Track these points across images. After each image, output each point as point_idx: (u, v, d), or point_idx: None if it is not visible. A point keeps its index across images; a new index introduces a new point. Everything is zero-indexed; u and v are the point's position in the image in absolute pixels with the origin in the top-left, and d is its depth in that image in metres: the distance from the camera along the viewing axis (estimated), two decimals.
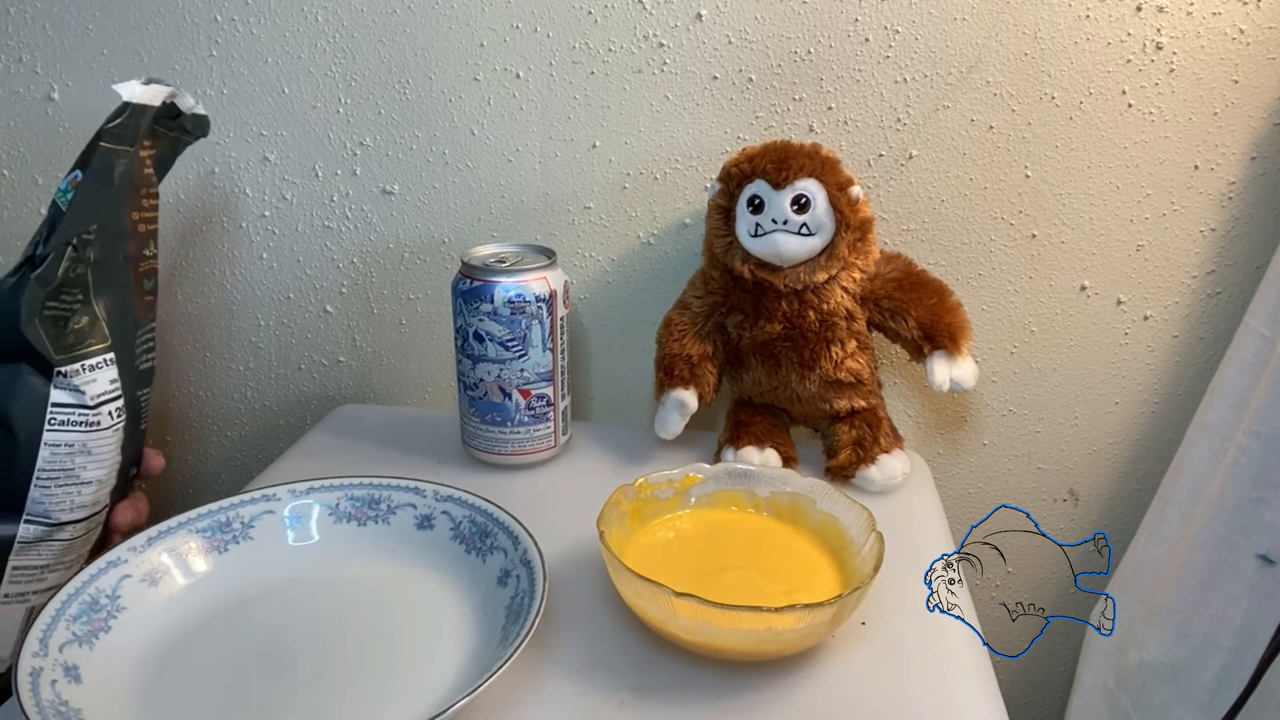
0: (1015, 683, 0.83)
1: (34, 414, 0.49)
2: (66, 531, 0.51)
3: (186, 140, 0.58)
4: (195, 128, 0.58)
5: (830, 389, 0.65)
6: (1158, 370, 0.72)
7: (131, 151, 0.52)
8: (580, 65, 0.69)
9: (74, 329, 0.50)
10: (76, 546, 0.52)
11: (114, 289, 0.52)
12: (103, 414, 0.51)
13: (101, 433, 0.51)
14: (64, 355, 0.49)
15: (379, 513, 0.55)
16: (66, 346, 0.50)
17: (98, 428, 0.51)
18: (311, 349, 0.80)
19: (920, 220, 0.70)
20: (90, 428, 0.51)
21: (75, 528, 0.52)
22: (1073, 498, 0.77)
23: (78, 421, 0.50)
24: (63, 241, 0.49)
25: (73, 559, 0.53)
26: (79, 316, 0.50)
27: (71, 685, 0.41)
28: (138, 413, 0.55)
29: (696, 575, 0.48)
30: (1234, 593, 0.63)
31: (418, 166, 0.73)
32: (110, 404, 0.52)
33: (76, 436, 0.50)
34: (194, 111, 0.57)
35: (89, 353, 0.50)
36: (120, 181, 0.52)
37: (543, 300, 0.61)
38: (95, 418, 0.51)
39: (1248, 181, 0.65)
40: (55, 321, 0.49)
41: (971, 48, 0.65)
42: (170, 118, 0.55)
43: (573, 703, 0.44)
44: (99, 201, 0.51)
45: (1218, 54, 0.63)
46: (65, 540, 0.51)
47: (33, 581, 0.51)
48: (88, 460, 0.51)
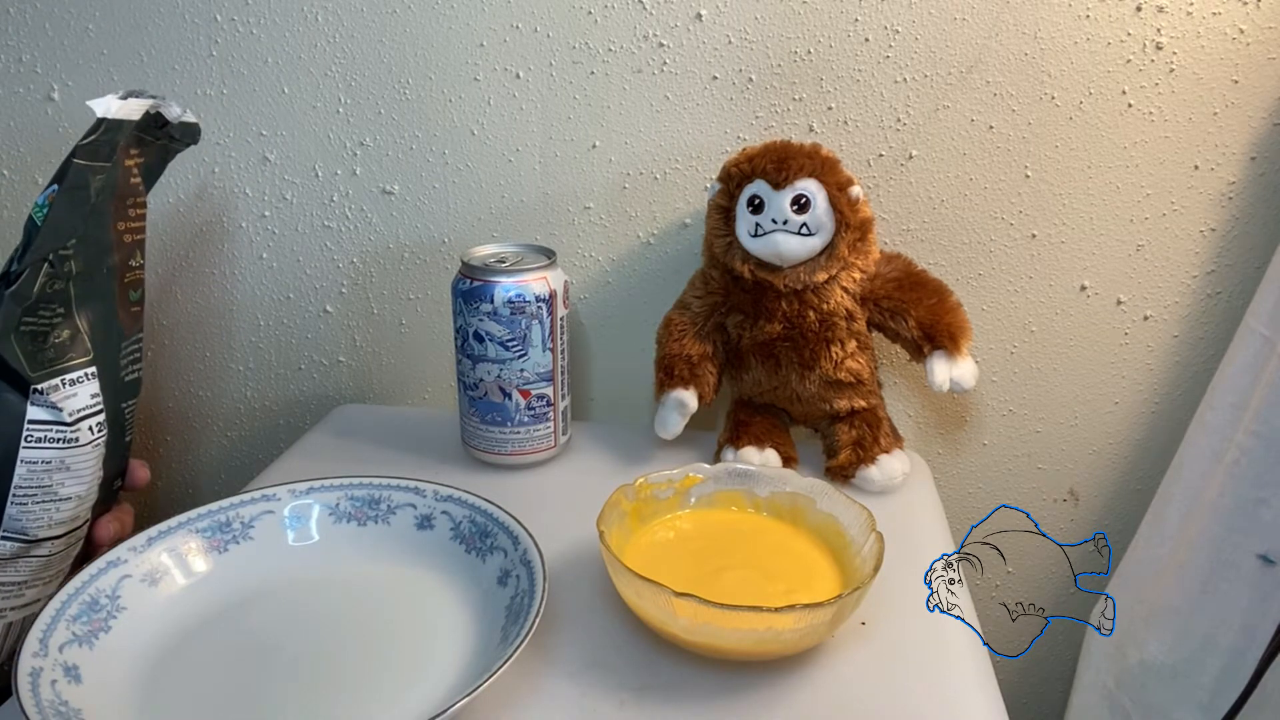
0: (1015, 683, 0.83)
1: (9, 432, 0.48)
2: (45, 548, 0.50)
3: (176, 148, 0.57)
4: (184, 135, 0.57)
5: (830, 389, 0.65)
6: (1158, 370, 0.72)
7: (109, 166, 0.51)
8: (580, 65, 0.69)
9: (53, 343, 0.49)
10: (55, 562, 0.52)
11: (97, 301, 0.51)
12: (82, 429, 0.50)
13: (81, 449, 0.50)
14: (42, 371, 0.48)
15: (379, 513, 0.55)
16: (45, 362, 0.48)
17: (76, 444, 0.50)
18: (311, 349, 0.80)
19: (920, 220, 0.70)
20: (69, 444, 0.50)
21: (54, 544, 0.51)
22: (1073, 498, 0.77)
23: (55, 438, 0.49)
24: (39, 257, 0.48)
25: (52, 575, 0.52)
26: (59, 331, 0.49)
27: (71, 685, 0.41)
28: (122, 425, 0.54)
29: (696, 575, 0.48)
30: (1234, 593, 0.63)
31: (418, 166, 0.73)
32: (90, 419, 0.51)
33: (54, 453, 0.49)
34: (182, 120, 0.56)
35: (69, 367, 0.49)
36: (100, 195, 0.50)
37: (543, 300, 0.61)
38: (74, 434, 0.50)
39: (1248, 181, 0.65)
40: (33, 337, 0.48)
41: (971, 48, 0.65)
42: (157, 127, 0.55)
43: (573, 703, 0.44)
44: (77, 216, 0.49)
45: (1218, 54, 0.63)
46: (44, 556, 0.50)
47: (11, 598, 0.50)
48: (66, 476, 0.50)
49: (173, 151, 0.57)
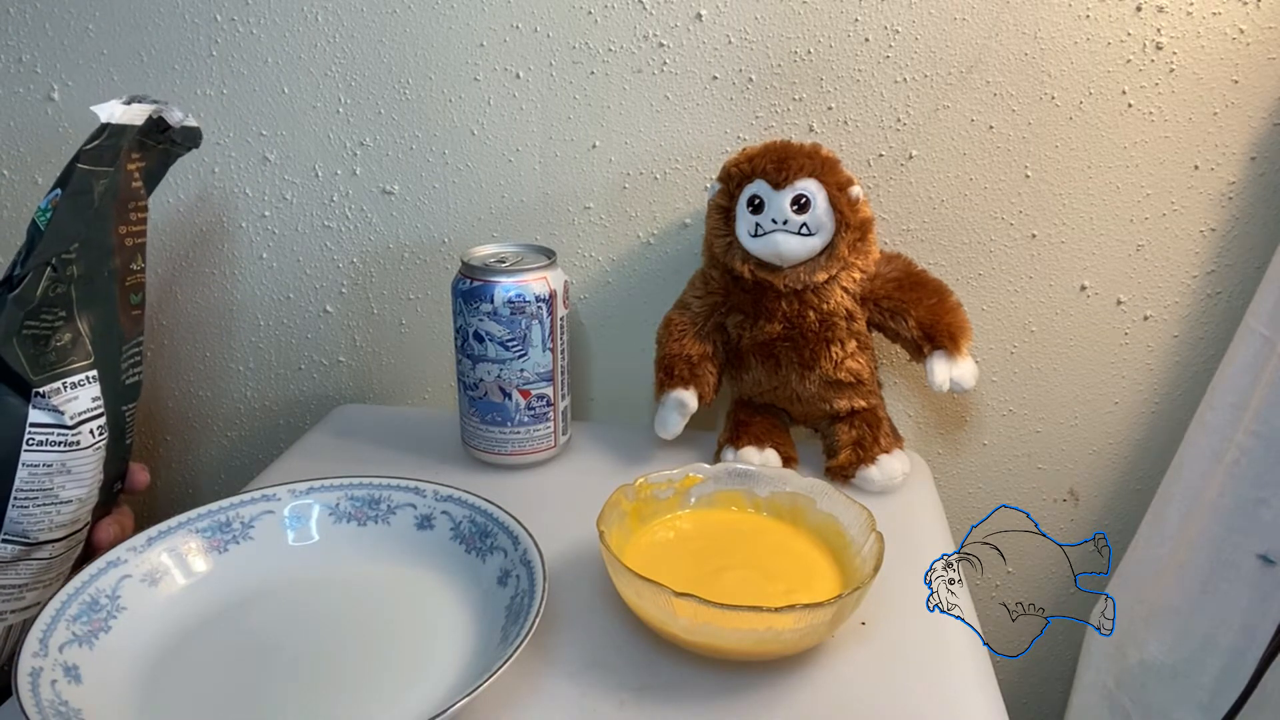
0: (1015, 683, 0.83)
1: (10, 435, 0.48)
2: (45, 550, 0.51)
3: (178, 152, 0.57)
4: (186, 139, 0.57)
5: (830, 389, 0.65)
6: (1158, 370, 0.72)
7: (112, 171, 0.51)
8: (580, 65, 0.69)
9: (55, 347, 0.49)
10: (56, 565, 0.52)
11: (99, 305, 0.51)
12: (83, 433, 0.50)
13: (81, 452, 0.50)
14: (43, 375, 0.48)
15: (379, 513, 0.55)
16: (46, 365, 0.49)
17: (77, 447, 0.50)
18: (311, 349, 0.80)
19: (920, 220, 0.70)
20: (70, 447, 0.50)
21: (54, 546, 0.51)
22: (1073, 498, 0.77)
23: (56, 441, 0.49)
24: (42, 261, 0.48)
25: (52, 577, 0.52)
26: (60, 334, 0.49)
27: (71, 685, 0.41)
28: (122, 428, 0.55)
29: (696, 575, 0.48)
30: (1234, 593, 0.63)
31: (418, 166, 0.73)
32: (91, 422, 0.51)
33: (55, 456, 0.49)
34: (184, 124, 0.56)
35: (70, 370, 0.50)
36: (102, 199, 0.51)
37: (543, 300, 0.61)
38: (75, 437, 0.50)
39: (1248, 181, 0.65)
40: (35, 340, 0.48)
41: (971, 48, 0.65)
42: (159, 131, 0.55)
43: (573, 703, 0.44)
44: (79, 220, 0.50)
45: (1218, 54, 0.63)
46: (44, 559, 0.51)
47: (11, 600, 0.50)
48: (67, 479, 0.50)
49: (174, 156, 0.57)
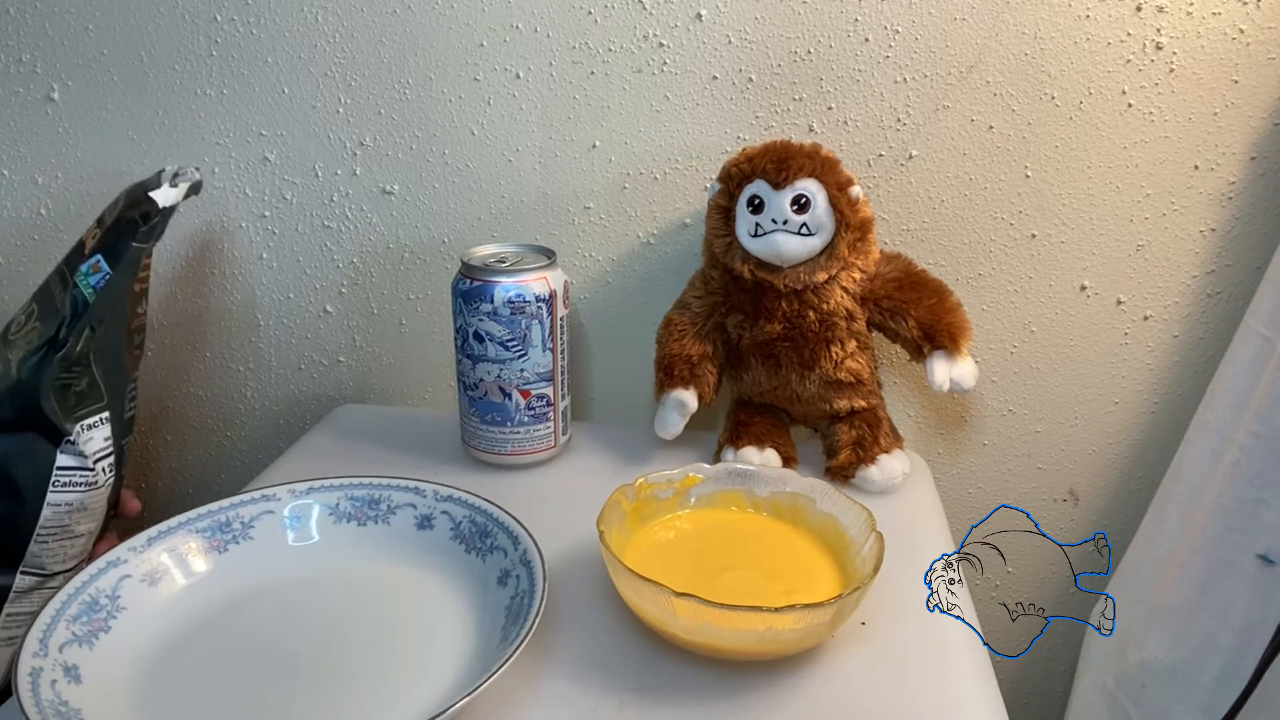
0: (1015, 683, 0.83)
1: (40, 478, 0.51)
2: (57, 580, 0.53)
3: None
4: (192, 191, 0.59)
5: (830, 389, 0.65)
6: (1158, 370, 0.72)
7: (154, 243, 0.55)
8: (580, 65, 0.69)
9: (75, 392, 0.52)
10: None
11: (110, 351, 0.55)
12: (99, 470, 0.53)
13: (98, 490, 0.54)
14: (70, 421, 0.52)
15: (379, 513, 0.55)
16: (69, 409, 0.52)
17: (95, 486, 0.53)
18: (311, 349, 0.80)
19: (920, 220, 0.70)
20: (90, 487, 0.53)
21: (65, 576, 0.53)
22: (1073, 498, 0.77)
23: (79, 482, 0.52)
24: (86, 326, 0.52)
25: None
26: (79, 380, 0.52)
27: (71, 685, 0.41)
28: (121, 460, 0.57)
29: (696, 575, 0.48)
30: (1234, 593, 0.63)
31: (418, 166, 0.73)
32: (104, 460, 0.54)
33: (76, 496, 0.52)
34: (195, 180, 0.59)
35: (88, 413, 0.53)
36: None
37: (543, 300, 0.61)
38: (94, 477, 0.53)
39: (1248, 181, 0.65)
40: (62, 389, 0.51)
41: (971, 48, 0.65)
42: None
43: (573, 703, 0.44)
44: (123, 290, 0.54)
45: (1218, 54, 0.63)
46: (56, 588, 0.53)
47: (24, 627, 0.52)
48: (83, 516, 0.53)
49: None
